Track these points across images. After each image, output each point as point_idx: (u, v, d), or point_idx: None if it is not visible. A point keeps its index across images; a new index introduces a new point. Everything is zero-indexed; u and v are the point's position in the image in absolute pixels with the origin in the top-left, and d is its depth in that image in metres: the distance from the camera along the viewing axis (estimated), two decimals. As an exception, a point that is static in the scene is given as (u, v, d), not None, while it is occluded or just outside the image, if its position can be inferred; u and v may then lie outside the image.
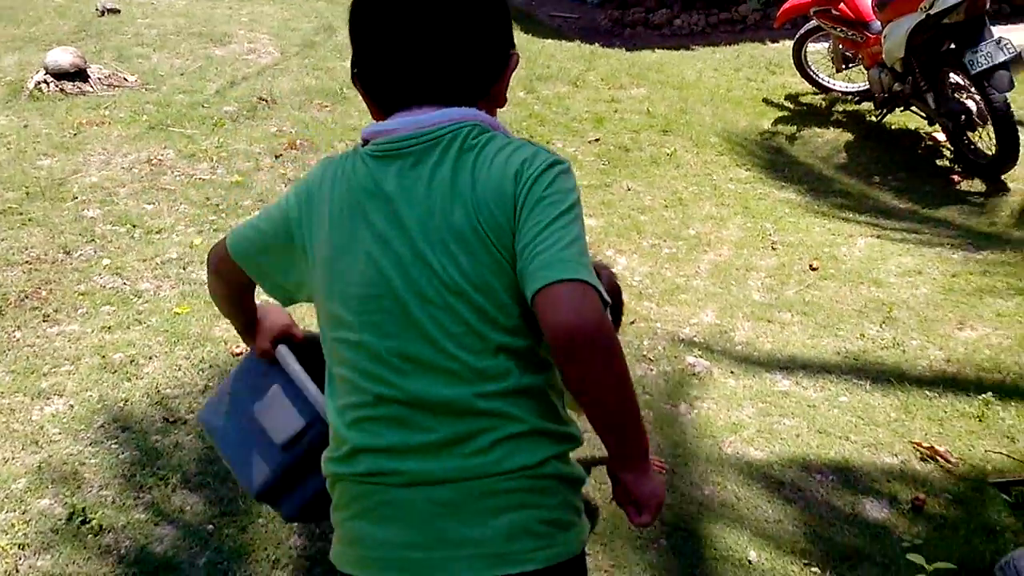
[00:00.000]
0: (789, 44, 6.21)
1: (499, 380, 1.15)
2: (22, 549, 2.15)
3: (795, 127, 5.69)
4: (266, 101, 5.27)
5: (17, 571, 2.09)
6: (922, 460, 2.67)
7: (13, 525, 2.21)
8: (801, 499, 2.51)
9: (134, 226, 3.74)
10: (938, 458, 2.67)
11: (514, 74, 1.28)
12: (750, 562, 2.27)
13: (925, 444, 2.72)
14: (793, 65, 6.14)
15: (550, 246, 1.10)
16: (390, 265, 1.15)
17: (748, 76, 6.62)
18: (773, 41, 7.41)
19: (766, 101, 6.11)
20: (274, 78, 5.70)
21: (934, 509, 2.47)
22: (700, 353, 3.21)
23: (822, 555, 2.30)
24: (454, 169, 1.16)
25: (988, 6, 4.56)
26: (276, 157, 4.53)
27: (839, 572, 2.24)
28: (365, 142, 1.23)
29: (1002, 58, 4.42)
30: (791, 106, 6.06)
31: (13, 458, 2.44)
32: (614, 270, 3.59)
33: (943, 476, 2.61)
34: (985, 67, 4.43)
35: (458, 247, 1.14)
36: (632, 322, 3.34)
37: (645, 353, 3.18)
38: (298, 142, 4.72)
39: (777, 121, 5.78)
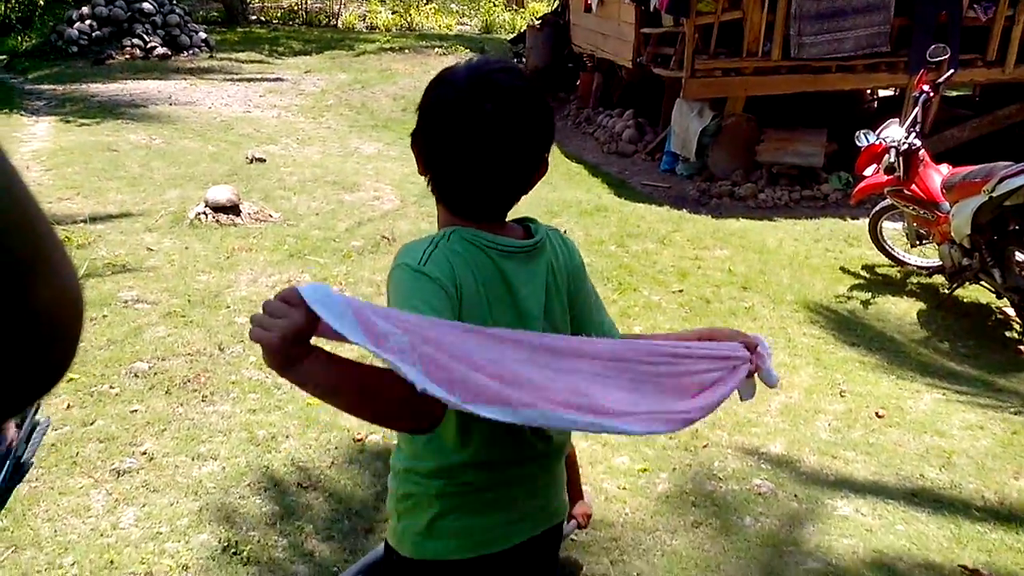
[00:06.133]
0: (867, 221, 6.70)
1: None
2: (185, 570, 2.61)
3: (870, 295, 6.07)
4: (387, 239, 6.00)
5: (181, 585, 2.54)
6: (968, 582, 2.91)
7: (179, 551, 2.68)
8: (852, 604, 2.77)
9: (275, 333, 4.36)
10: (983, 580, 2.90)
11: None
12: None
13: (971, 567, 2.95)
14: (870, 239, 6.60)
15: None
16: None
17: (827, 247, 7.09)
18: (853, 218, 7.90)
19: (843, 270, 6.53)
20: (395, 221, 6.47)
21: (976, 623, 2.70)
22: (766, 477, 3.53)
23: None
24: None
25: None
26: (396, 286, 5.18)
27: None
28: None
29: (1063, 239, 4.79)
30: (867, 276, 6.46)
31: (178, 502, 2.94)
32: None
33: (988, 597, 2.84)
34: (1046, 247, 4.80)
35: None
36: (704, 446, 3.70)
37: (715, 472, 3.52)
38: (415, 275, 5.37)
39: (853, 288, 6.17)
